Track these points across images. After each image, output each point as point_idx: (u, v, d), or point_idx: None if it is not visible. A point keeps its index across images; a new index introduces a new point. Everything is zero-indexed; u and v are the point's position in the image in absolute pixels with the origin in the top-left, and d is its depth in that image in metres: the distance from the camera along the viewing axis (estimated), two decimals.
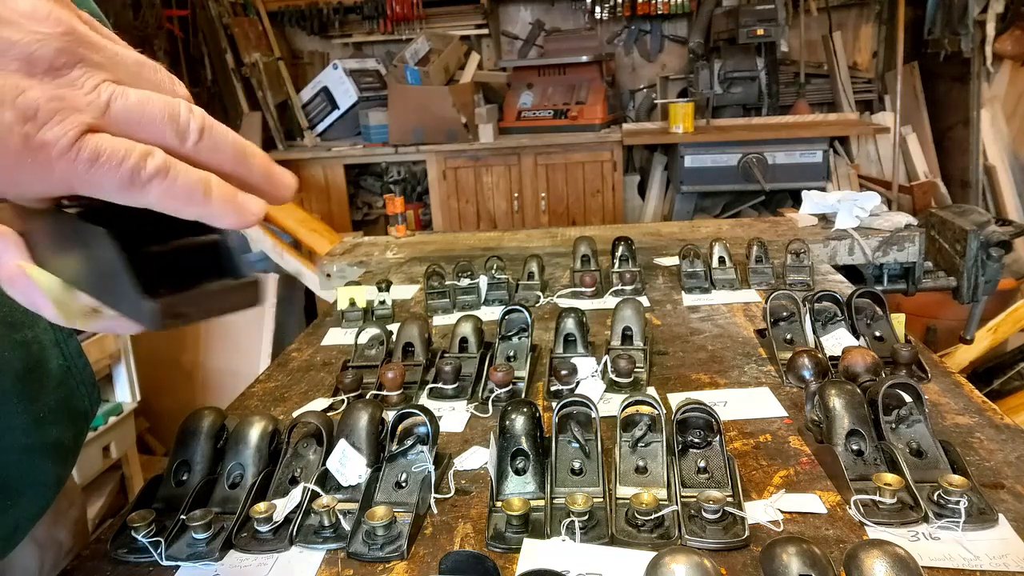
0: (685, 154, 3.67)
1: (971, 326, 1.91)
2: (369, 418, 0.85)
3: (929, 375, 1.03)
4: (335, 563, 0.73)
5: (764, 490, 0.80)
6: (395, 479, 0.82)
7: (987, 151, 3.95)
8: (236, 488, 0.82)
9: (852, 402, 0.83)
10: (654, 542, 0.71)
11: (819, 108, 4.31)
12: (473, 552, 0.63)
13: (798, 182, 3.45)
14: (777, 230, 1.90)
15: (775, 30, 3.70)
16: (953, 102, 4.12)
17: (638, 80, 4.70)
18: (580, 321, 1.18)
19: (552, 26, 4.61)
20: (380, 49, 4.80)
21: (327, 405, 1.07)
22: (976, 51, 3.82)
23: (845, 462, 0.78)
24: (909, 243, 1.73)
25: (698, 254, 1.55)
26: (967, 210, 1.82)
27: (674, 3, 4.33)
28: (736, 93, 4.00)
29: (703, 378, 1.09)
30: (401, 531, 0.74)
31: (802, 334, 1.15)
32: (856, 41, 4.51)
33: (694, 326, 1.30)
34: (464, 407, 1.04)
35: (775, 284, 1.47)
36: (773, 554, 0.60)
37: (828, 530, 0.72)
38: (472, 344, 1.17)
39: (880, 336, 1.14)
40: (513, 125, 4.14)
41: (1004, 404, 2.26)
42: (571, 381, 1.04)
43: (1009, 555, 0.67)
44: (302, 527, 0.77)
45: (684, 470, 0.80)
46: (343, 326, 1.42)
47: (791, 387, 1.03)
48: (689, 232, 1.98)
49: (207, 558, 0.74)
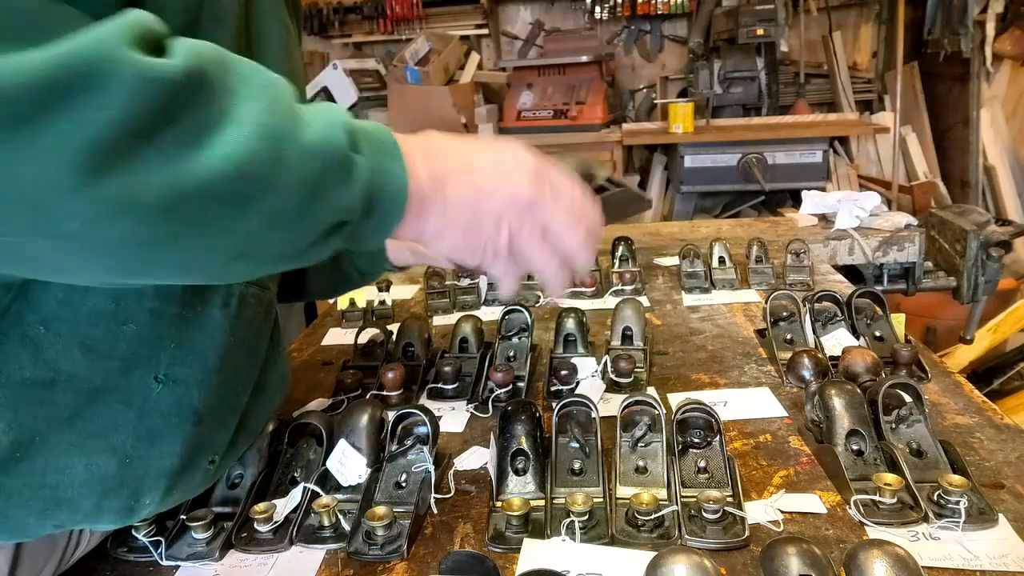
0: (685, 154, 3.66)
1: (971, 326, 1.91)
2: (369, 418, 0.85)
3: (929, 375, 1.03)
4: (335, 563, 0.73)
5: (764, 490, 0.80)
6: (395, 479, 0.82)
7: (987, 151, 3.94)
8: (236, 488, 0.82)
9: (852, 402, 0.83)
10: (654, 542, 0.71)
11: (819, 108, 4.30)
12: (473, 552, 0.63)
13: (798, 182, 3.44)
14: (777, 230, 1.90)
15: (775, 30, 3.69)
16: (953, 102, 4.12)
17: (638, 80, 4.70)
18: (580, 321, 1.18)
19: (552, 26, 4.61)
20: (380, 49, 4.79)
21: (327, 405, 1.07)
22: (976, 51, 3.82)
23: (845, 462, 0.78)
24: (909, 243, 1.73)
25: (698, 254, 1.55)
26: (967, 210, 1.81)
27: (674, 3, 4.32)
28: (736, 93, 4.00)
29: (703, 378, 1.09)
30: (401, 531, 0.74)
31: (802, 334, 1.15)
32: (856, 41, 4.51)
33: (694, 326, 1.30)
34: (464, 407, 1.04)
35: (775, 284, 1.47)
36: (773, 554, 0.60)
37: (828, 530, 0.72)
38: (472, 344, 1.17)
39: (880, 336, 1.14)
40: (513, 125, 4.13)
41: (1004, 404, 2.26)
42: (571, 381, 1.04)
43: (1009, 555, 0.67)
44: (302, 527, 0.77)
45: (684, 470, 0.80)
46: (343, 326, 1.42)
47: (791, 387, 1.03)
48: (689, 232, 1.98)
49: (207, 558, 0.74)
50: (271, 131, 0.49)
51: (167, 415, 0.64)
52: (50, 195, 0.42)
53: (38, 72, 0.40)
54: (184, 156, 0.46)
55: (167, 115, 0.45)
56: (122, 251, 0.48)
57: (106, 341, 0.59)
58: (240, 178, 0.48)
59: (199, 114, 0.46)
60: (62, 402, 0.57)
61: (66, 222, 0.44)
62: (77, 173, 0.42)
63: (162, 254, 0.50)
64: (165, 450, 0.65)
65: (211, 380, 0.68)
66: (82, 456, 0.59)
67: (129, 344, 0.60)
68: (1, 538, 0.60)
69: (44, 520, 0.59)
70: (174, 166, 0.45)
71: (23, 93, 0.40)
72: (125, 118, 0.43)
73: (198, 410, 0.67)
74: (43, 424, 0.56)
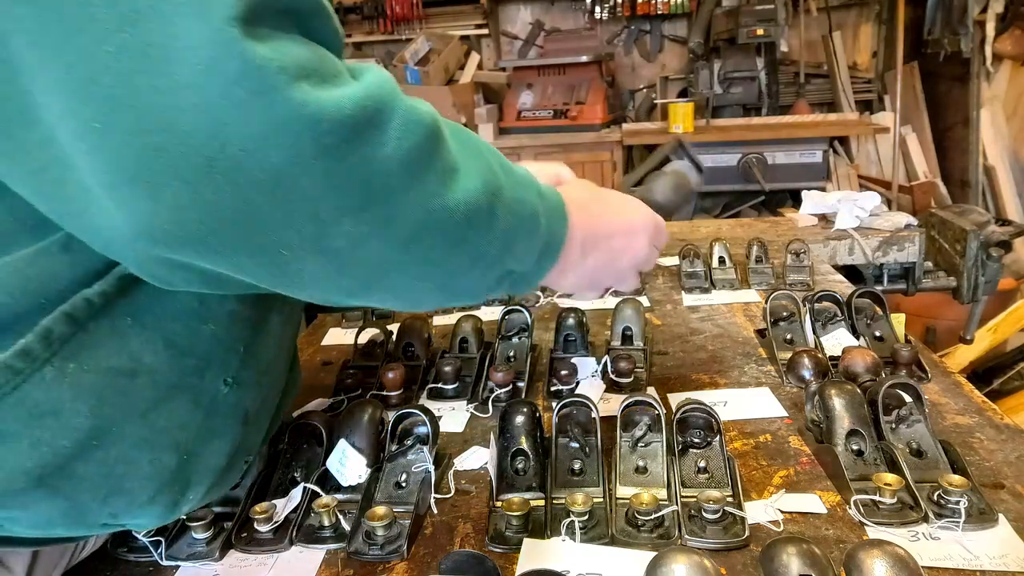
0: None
1: (971, 326, 1.91)
2: (369, 418, 0.85)
3: (929, 375, 1.03)
4: (335, 563, 0.73)
5: (764, 490, 0.80)
6: (395, 479, 0.82)
7: (987, 151, 3.94)
8: (236, 488, 0.82)
9: (852, 402, 0.83)
10: (654, 542, 0.71)
11: (819, 108, 4.30)
12: (473, 552, 0.63)
13: (798, 182, 3.44)
14: (777, 230, 1.90)
15: (775, 30, 3.69)
16: (953, 102, 4.12)
17: (638, 80, 4.70)
18: (580, 321, 1.18)
19: (552, 26, 4.61)
20: (380, 49, 4.79)
21: (327, 405, 1.07)
22: (976, 51, 3.82)
23: (845, 462, 0.78)
24: (909, 243, 1.73)
25: (698, 254, 1.55)
26: (967, 210, 1.81)
27: (674, 3, 4.32)
28: (736, 93, 4.00)
29: (703, 378, 1.09)
30: (401, 531, 0.74)
31: (802, 334, 1.15)
32: (856, 41, 4.51)
33: (694, 326, 1.30)
34: (464, 407, 1.04)
35: (775, 284, 1.47)
36: (773, 554, 0.60)
37: (828, 530, 0.72)
38: (472, 344, 1.17)
39: (880, 336, 1.14)
40: (513, 125, 4.13)
41: (1004, 404, 2.26)
42: (571, 381, 1.04)
43: (1009, 555, 0.67)
44: (302, 527, 0.77)
45: (684, 470, 0.80)
46: (343, 326, 1.42)
47: (791, 387, 1.03)
48: (689, 232, 1.98)
49: (207, 558, 0.74)
50: (490, 186, 0.59)
51: (226, 416, 0.66)
52: (336, 213, 0.50)
53: (352, 106, 0.48)
54: (436, 192, 0.55)
55: (425, 153, 0.53)
56: (364, 271, 0.55)
57: (187, 338, 0.61)
58: (465, 221, 0.57)
59: (444, 159, 0.56)
60: (141, 394, 0.59)
61: (336, 239, 0.51)
62: (362, 195, 0.50)
63: (389, 279, 0.57)
64: (217, 449, 0.66)
65: (263, 382, 0.71)
66: (149, 450, 0.60)
67: (207, 344, 0.62)
68: (60, 528, 0.61)
69: (103, 508, 0.60)
70: (427, 200, 0.54)
71: (343, 122, 0.47)
72: (402, 152, 0.51)
73: (248, 411, 0.69)
74: (120, 414, 0.58)
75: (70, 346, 0.54)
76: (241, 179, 0.45)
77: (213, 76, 0.43)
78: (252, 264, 0.51)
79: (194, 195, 0.45)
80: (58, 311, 0.53)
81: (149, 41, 0.42)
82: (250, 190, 0.46)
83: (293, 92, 0.45)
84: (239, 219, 0.47)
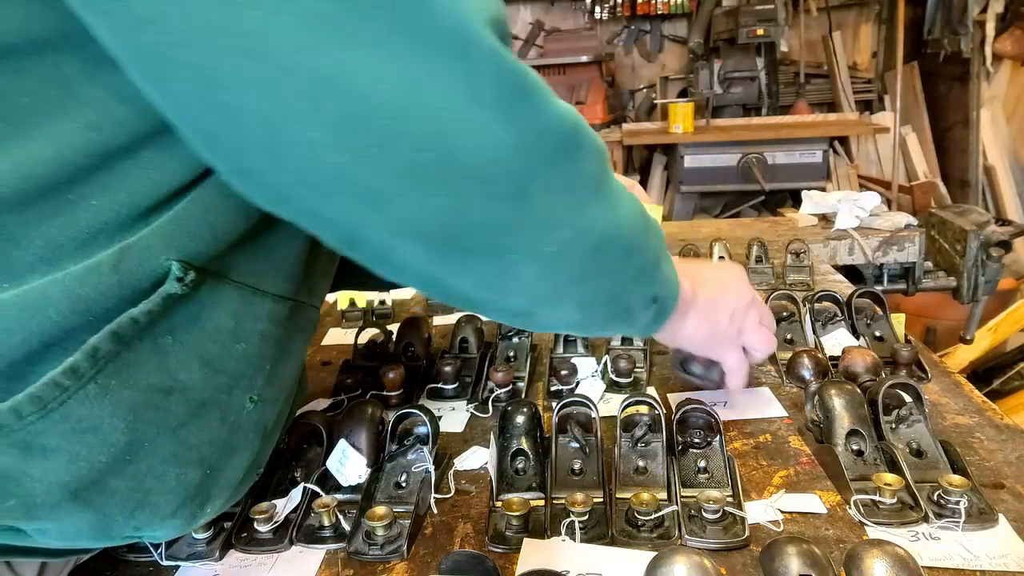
0: (685, 154, 3.66)
1: (971, 326, 1.90)
2: (369, 418, 0.85)
3: (929, 375, 1.03)
4: (335, 563, 0.73)
5: (764, 490, 0.80)
6: (395, 479, 0.82)
7: (987, 151, 3.94)
8: None
9: (852, 402, 0.83)
10: (654, 542, 0.71)
11: (819, 108, 4.31)
12: (473, 552, 0.63)
13: (798, 182, 3.44)
14: (777, 230, 1.90)
15: (775, 30, 3.69)
16: (953, 102, 4.12)
17: (638, 80, 4.70)
18: None
19: (552, 26, 4.61)
20: None
21: (327, 405, 1.07)
22: (976, 51, 3.82)
23: (845, 462, 0.78)
24: (909, 243, 1.73)
25: (698, 254, 1.55)
26: (967, 210, 1.81)
27: (674, 3, 4.32)
28: (736, 93, 4.00)
29: None
30: (401, 531, 0.74)
31: (802, 334, 1.16)
32: (856, 41, 4.51)
33: None
34: (464, 407, 1.04)
35: (775, 284, 1.47)
36: (773, 554, 0.60)
37: (828, 530, 0.72)
38: (472, 344, 1.17)
39: (880, 336, 1.14)
40: None
41: (1004, 404, 2.26)
42: (571, 381, 1.04)
43: (1009, 555, 0.67)
44: (302, 527, 0.77)
45: (684, 470, 0.80)
46: (343, 326, 1.42)
47: (791, 387, 1.03)
48: (689, 232, 1.98)
49: (207, 558, 0.74)
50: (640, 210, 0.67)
51: (247, 432, 0.66)
52: (553, 221, 0.56)
53: (571, 119, 0.55)
54: (614, 205, 0.62)
55: (605, 170, 0.60)
56: (557, 276, 0.60)
57: (221, 357, 0.61)
58: (630, 234, 0.64)
59: (612, 180, 0.62)
60: (174, 411, 0.59)
61: (548, 245, 0.56)
62: (572, 204, 0.56)
63: (579, 287, 0.63)
64: (236, 464, 0.67)
65: (280, 399, 0.71)
66: (177, 466, 0.61)
67: (238, 363, 0.63)
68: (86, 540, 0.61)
69: (129, 521, 0.61)
70: (609, 212, 0.61)
71: (568, 134, 0.54)
72: (593, 168, 0.58)
73: (267, 427, 0.70)
74: (154, 430, 0.58)
75: (114, 364, 0.54)
76: (494, 188, 0.51)
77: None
78: (479, 266, 0.56)
79: (456, 203, 0.50)
80: (105, 330, 0.53)
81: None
82: (498, 198, 0.52)
83: (543, 105, 0.52)
84: (487, 225, 0.53)
